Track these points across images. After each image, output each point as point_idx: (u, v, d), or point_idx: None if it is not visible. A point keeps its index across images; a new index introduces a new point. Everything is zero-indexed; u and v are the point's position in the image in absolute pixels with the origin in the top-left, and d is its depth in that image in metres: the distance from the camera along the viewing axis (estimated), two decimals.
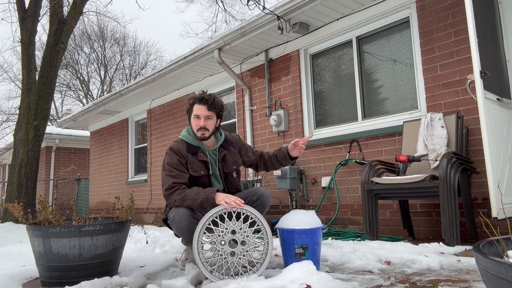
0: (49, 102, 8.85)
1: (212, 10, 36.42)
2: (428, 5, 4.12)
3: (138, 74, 24.70)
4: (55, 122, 22.09)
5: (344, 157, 4.81)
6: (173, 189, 2.57)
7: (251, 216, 2.35)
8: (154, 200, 8.04)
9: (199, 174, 2.70)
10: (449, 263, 2.57)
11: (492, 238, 1.38)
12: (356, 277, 2.33)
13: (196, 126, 2.68)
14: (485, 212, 3.53)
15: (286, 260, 2.51)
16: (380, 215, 4.26)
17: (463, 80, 3.82)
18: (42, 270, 2.55)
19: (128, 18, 38.20)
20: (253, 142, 5.95)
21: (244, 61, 6.15)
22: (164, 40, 39.31)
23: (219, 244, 2.30)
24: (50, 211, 2.71)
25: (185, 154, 2.69)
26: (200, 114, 2.67)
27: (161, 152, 7.96)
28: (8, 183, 8.60)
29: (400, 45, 4.51)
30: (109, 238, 2.56)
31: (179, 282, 2.26)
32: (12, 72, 34.84)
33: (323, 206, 4.98)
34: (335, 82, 5.21)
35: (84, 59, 24.14)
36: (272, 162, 2.91)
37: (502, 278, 1.08)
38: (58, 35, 8.74)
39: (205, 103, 2.67)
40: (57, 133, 13.20)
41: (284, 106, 5.56)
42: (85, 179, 12.15)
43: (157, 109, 8.22)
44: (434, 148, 3.66)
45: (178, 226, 2.55)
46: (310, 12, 4.73)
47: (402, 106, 4.45)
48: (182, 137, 2.79)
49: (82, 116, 9.81)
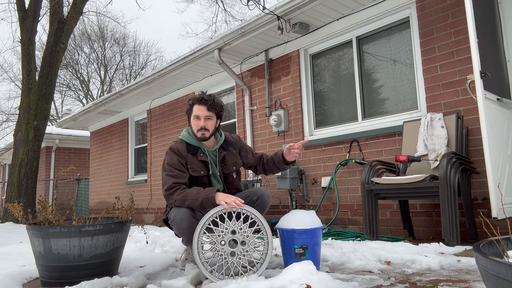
0: (49, 102, 8.85)
1: (212, 10, 36.45)
2: (428, 5, 4.12)
3: (138, 74, 24.71)
4: (55, 122, 22.10)
5: (344, 157, 4.81)
6: (174, 189, 2.57)
7: (251, 216, 2.35)
8: (154, 200, 8.04)
9: (199, 174, 2.70)
10: (449, 263, 2.57)
11: (492, 238, 1.38)
12: (356, 277, 2.33)
13: (196, 126, 2.68)
14: (485, 212, 3.53)
15: (286, 260, 2.51)
16: (380, 215, 4.26)
17: (463, 80, 3.82)
18: (42, 270, 2.55)
19: (128, 18, 38.23)
20: (253, 142, 5.95)
21: (244, 61, 6.15)
22: (164, 40, 39.37)
23: (219, 244, 2.30)
24: (50, 211, 2.71)
25: (185, 154, 2.69)
26: (200, 114, 2.67)
27: (161, 152, 7.96)
28: (8, 183, 8.60)
29: (400, 45, 4.51)
30: (109, 238, 2.56)
31: (179, 282, 2.26)
32: (12, 72, 34.86)
33: (323, 206, 4.98)
34: (335, 82, 5.21)
35: (84, 59, 24.17)
36: (269, 166, 2.89)
37: (502, 278, 1.08)
38: (58, 35, 8.74)
39: (204, 104, 2.67)
40: (57, 133, 13.20)
41: (284, 106, 5.56)
42: (85, 179, 12.15)
43: (157, 109, 8.22)
44: (434, 148, 3.66)
45: (178, 226, 2.55)
46: (310, 12, 4.73)
47: (402, 106, 4.45)
48: (182, 137, 2.78)
49: (82, 116, 9.81)
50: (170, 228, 2.77)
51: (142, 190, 8.43)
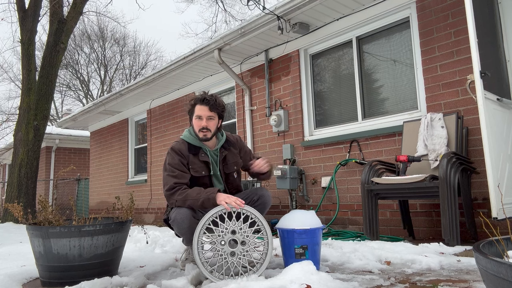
0: (49, 102, 8.86)
1: (212, 10, 36.48)
2: (428, 5, 4.12)
3: (138, 74, 24.71)
4: (55, 122, 22.09)
5: (344, 157, 4.81)
6: (175, 190, 2.57)
7: (251, 216, 2.35)
8: (154, 200, 8.04)
9: (200, 175, 2.70)
10: (449, 263, 2.57)
11: (492, 238, 1.38)
12: (356, 277, 2.33)
13: (198, 126, 2.68)
14: (485, 212, 3.53)
15: (286, 260, 2.51)
16: (380, 215, 4.26)
17: (463, 80, 3.82)
18: (42, 270, 2.55)
19: (128, 18, 38.26)
20: (253, 142, 5.95)
21: (244, 61, 6.15)
22: (164, 40, 39.36)
23: (219, 244, 2.30)
24: (50, 211, 2.71)
25: (186, 154, 2.69)
26: (202, 114, 2.67)
27: (161, 152, 7.96)
28: (8, 183, 8.61)
29: (400, 45, 4.51)
30: (109, 238, 2.56)
31: (179, 282, 2.26)
32: (12, 72, 34.84)
33: (323, 206, 4.98)
34: (335, 82, 5.21)
35: (84, 59, 24.17)
36: (252, 174, 2.90)
37: (502, 278, 1.08)
38: (58, 35, 8.74)
39: (206, 104, 2.67)
40: (57, 133, 13.20)
41: (284, 106, 5.56)
42: (85, 179, 12.15)
43: (157, 109, 8.23)
44: (434, 148, 3.66)
45: (179, 226, 2.55)
46: (310, 12, 4.73)
47: (402, 106, 4.45)
48: (184, 137, 2.78)
49: (82, 116, 9.81)
50: (170, 228, 2.77)
51: (142, 190, 8.43)
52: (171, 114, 7.79)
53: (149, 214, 8.16)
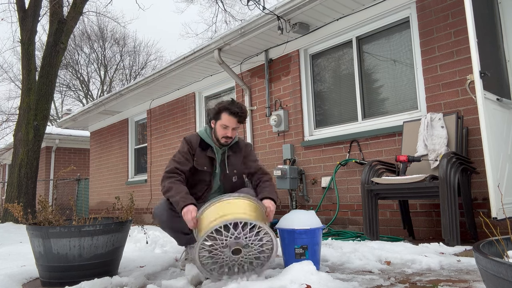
0: (49, 102, 8.85)
1: (212, 10, 36.48)
2: (428, 5, 4.12)
3: (138, 74, 24.69)
4: (55, 122, 22.08)
5: (344, 157, 4.81)
6: (171, 175, 2.66)
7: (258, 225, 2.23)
8: (154, 200, 8.04)
9: (202, 169, 2.77)
10: (449, 263, 2.57)
11: (492, 238, 1.38)
12: (356, 277, 2.33)
13: (223, 134, 2.74)
14: (485, 212, 3.53)
15: (286, 260, 2.51)
16: (380, 215, 4.26)
17: (463, 80, 3.82)
18: (42, 270, 2.55)
19: (128, 18, 38.24)
20: (253, 142, 5.95)
21: (244, 61, 6.15)
22: (164, 40, 39.33)
23: (221, 247, 2.23)
24: (50, 211, 2.71)
25: (195, 146, 2.79)
26: (230, 125, 2.73)
27: (161, 152, 7.97)
28: (8, 183, 8.60)
29: (400, 45, 4.51)
30: (109, 238, 2.56)
31: (179, 282, 2.26)
32: (12, 72, 34.83)
33: (323, 206, 4.98)
34: (335, 82, 5.21)
35: (84, 59, 24.14)
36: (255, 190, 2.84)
37: (502, 278, 1.08)
38: (58, 35, 8.73)
39: (236, 117, 2.72)
40: (57, 133, 13.20)
41: (284, 106, 5.56)
42: (85, 179, 12.15)
43: (157, 109, 8.22)
44: (434, 148, 3.66)
45: (160, 220, 2.71)
46: (310, 12, 4.72)
47: (402, 106, 4.45)
48: (199, 132, 2.88)
49: (82, 116, 9.81)
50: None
51: (142, 190, 8.43)
52: (171, 114, 7.78)
53: (149, 214, 8.16)
